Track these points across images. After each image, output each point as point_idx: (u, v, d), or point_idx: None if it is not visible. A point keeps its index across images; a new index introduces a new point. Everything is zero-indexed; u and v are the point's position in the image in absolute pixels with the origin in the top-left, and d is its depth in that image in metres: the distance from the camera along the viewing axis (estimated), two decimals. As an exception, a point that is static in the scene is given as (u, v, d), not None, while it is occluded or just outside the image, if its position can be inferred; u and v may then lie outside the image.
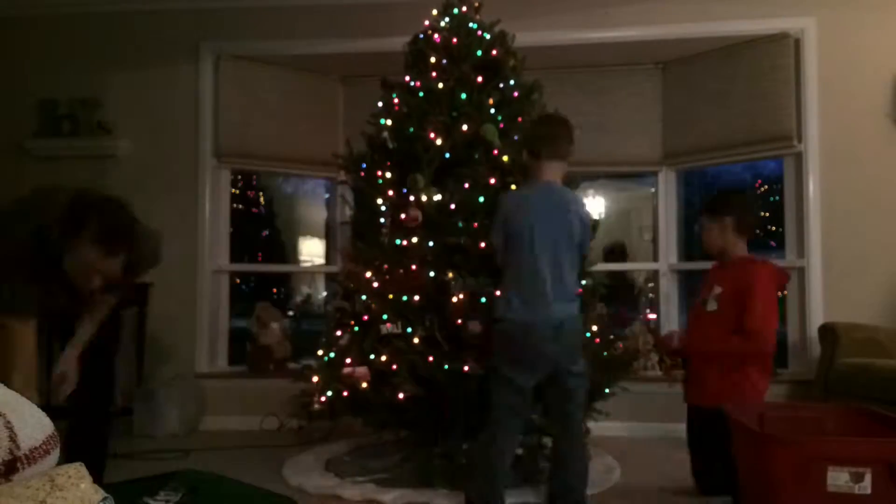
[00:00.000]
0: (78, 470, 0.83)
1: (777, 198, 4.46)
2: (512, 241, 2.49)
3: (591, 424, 3.21)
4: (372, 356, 2.94)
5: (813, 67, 4.07)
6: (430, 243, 2.98)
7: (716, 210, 2.90)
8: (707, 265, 3.14)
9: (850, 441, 2.07)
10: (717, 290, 2.82)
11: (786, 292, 3.99)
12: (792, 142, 4.10)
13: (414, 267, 2.96)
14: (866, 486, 1.86)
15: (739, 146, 4.26)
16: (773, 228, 4.74)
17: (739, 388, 2.66)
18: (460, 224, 2.98)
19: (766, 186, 5.26)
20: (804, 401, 3.71)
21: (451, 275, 2.91)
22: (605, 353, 3.12)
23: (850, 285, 3.98)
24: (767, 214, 5.10)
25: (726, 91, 4.26)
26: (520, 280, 2.47)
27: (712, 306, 2.81)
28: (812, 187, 4.06)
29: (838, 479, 1.87)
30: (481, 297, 2.83)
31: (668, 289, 4.54)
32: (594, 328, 3.10)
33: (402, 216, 2.97)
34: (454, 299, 2.87)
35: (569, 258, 2.49)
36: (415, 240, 2.99)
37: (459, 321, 2.85)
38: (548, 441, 3.16)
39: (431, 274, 2.93)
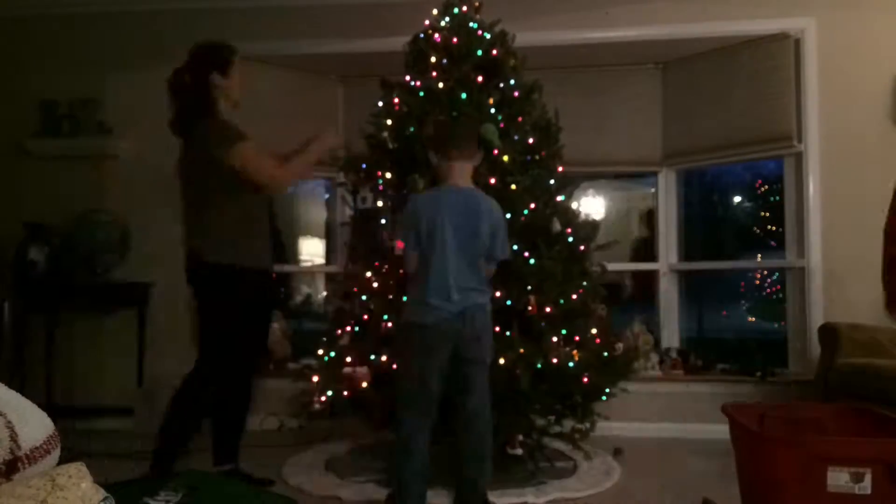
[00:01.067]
0: (79, 469, 0.83)
1: (777, 198, 4.45)
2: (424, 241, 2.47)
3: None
4: (372, 356, 2.94)
5: (813, 68, 4.07)
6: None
7: None
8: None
9: (850, 441, 2.07)
10: None
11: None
12: (792, 142, 4.10)
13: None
14: (866, 487, 1.86)
15: (739, 146, 4.26)
16: (773, 228, 4.73)
17: None
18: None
19: (766, 186, 5.26)
20: (804, 401, 3.71)
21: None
22: (605, 354, 3.12)
23: (850, 285, 3.98)
24: (767, 214, 5.10)
25: (726, 91, 4.26)
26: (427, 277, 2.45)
27: None
28: (812, 187, 4.07)
29: (838, 479, 1.87)
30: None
31: (669, 289, 4.54)
32: (594, 330, 3.11)
33: None
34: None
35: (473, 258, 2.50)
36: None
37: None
38: (548, 441, 3.17)
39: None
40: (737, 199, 6.01)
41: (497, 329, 2.83)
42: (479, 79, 3.18)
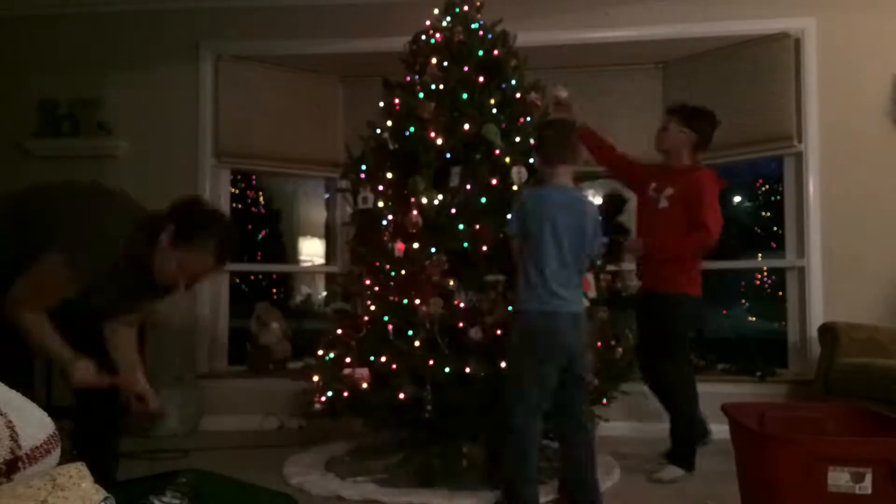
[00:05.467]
0: (79, 469, 0.83)
1: (777, 198, 4.45)
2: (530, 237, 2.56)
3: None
4: (372, 357, 2.94)
5: (813, 67, 4.07)
6: (433, 249, 2.97)
7: (691, 120, 3.28)
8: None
9: (850, 441, 2.07)
10: (669, 191, 3.20)
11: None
12: (792, 142, 4.10)
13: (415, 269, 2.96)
14: (867, 487, 1.86)
15: (739, 146, 4.26)
16: (774, 229, 4.73)
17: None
18: (461, 226, 2.97)
19: (766, 186, 5.26)
20: (804, 401, 3.71)
21: (451, 282, 2.91)
22: (606, 357, 3.12)
23: (850, 285, 3.98)
24: (767, 214, 5.10)
25: (726, 91, 4.26)
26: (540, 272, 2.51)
27: (664, 204, 3.22)
28: (812, 187, 4.07)
29: (839, 479, 1.87)
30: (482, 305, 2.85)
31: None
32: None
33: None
34: (456, 303, 2.87)
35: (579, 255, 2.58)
36: (416, 245, 2.98)
37: (461, 324, 2.85)
38: (548, 442, 3.17)
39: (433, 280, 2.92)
40: (737, 199, 6.01)
41: (498, 332, 2.83)
42: (481, 79, 3.18)
